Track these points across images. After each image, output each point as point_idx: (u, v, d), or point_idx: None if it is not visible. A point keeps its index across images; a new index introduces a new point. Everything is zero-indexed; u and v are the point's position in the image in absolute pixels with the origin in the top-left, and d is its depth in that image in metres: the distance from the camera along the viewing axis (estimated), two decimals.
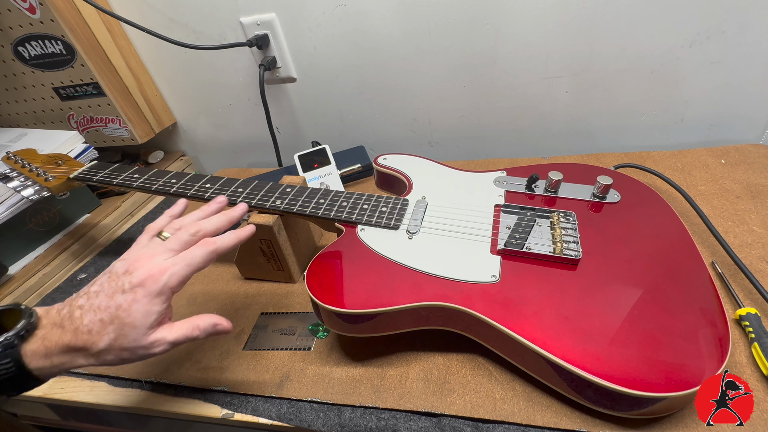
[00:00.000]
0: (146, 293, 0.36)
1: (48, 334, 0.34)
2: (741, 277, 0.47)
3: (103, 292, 0.36)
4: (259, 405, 0.45)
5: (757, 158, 0.65)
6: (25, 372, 0.33)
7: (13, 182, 0.62)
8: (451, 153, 0.86)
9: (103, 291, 0.36)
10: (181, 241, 0.39)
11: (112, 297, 0.35)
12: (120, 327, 0.35)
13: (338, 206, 0.52)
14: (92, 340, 0.34)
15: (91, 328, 0.34)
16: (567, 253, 0.44)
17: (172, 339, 0.36)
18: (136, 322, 0.35)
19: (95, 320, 0.35)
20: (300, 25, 0.74)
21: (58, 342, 0.34)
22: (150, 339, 0.36)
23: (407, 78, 0.77)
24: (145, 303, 0.35)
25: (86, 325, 0.34)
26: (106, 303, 0.35)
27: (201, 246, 0.39)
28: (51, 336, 0.34)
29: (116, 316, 0.35)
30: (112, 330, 0.35)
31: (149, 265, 0.37)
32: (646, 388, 0.33)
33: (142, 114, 0.87)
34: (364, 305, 0.41)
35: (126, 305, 0.35)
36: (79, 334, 0.34)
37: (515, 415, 0.40)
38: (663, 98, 0.70)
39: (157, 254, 0.38)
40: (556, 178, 0.52)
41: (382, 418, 0.42)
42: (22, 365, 0.33)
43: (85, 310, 0.35)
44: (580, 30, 0.65)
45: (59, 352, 0.34)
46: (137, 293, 0.35)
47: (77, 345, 0.34)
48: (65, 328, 0.35)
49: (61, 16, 0.71)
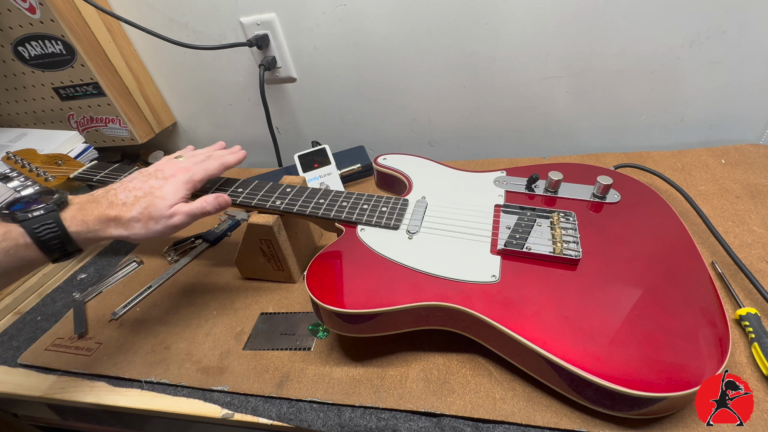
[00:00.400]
0: (177, 180, 0.47)
1: (85, 206, 0.42)
2: (741, 277, 0.47)
3: (137, 179, 0.46)
4: (259, 405, 0.45)
5: (757, 158, 0.65)
6: (66, 233, 0.40)
7: (13, 182, 0.62)
8: (451, 153, 0.86)
9: (137, 179, 0.46)
10: (196, 158, 0.51)
11: (147, 181, 0.46)
12: (151, 199, 0.44)
13: (338, 206, 0.52)
14: (125, 210, 0.43)
15: (126, 201, 0.43)
16: (567, 253, 0.44)
17: (187, 209, 0.46)
18: (167, 195, 0.45)
19: (130, 196, 0.44)
20: (300, 25, 0.74)
21: (93, 212, 0.42)
22: (172, 210, 0.45)
23: (407, 78, 0.77)
24: (174, 184, 0.46)
25: (120, 199, 0.44)
26: (141, 185, 0.45)
27: (214, 158, 0.52)
28: (87, 207, 0.42)
29: (149, 192, 0.45)
30: (144, 202, 0.44)
31: (176, 166, 0.49)
32: (646, 388, 0.33)
33: (142, 114, 0.87)
34: (364, 305, 0.41)
35: (158, 185, 0.46)
36: (114, 206, 0.43)
37: (515, 415, 0.40)
38: (663, 98, 0.70)
39: (179, 162, 0.50)
40: (556, 178, 0.52)
41: (382, 418, 0.42)
42: (63, 226, 0.40)
43: (119, 190, 0.45)
44: (580, 30, 0.65)
45: (94, 220, 0.42)
46: (169, 179, 0.47)
47: (111, 215, 0.42)
48: (100, 202, 0.43)
49: (61, 16, 0.71)
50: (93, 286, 0.65)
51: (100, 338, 0.56)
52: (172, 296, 0.61)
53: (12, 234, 0.38)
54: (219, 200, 0.48)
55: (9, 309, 0.64)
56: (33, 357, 0.55)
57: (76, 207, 0.42)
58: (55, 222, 0.40)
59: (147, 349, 0.53)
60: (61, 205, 0.42)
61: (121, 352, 0.53)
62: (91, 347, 0.55)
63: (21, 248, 0.39)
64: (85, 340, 0.56)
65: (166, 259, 0.68)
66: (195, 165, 0.49)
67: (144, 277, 0.65)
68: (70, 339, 0.56)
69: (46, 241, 0.39)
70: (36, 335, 0.58)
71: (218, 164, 0.51)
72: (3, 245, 0.38)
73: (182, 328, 0.55)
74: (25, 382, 0.53)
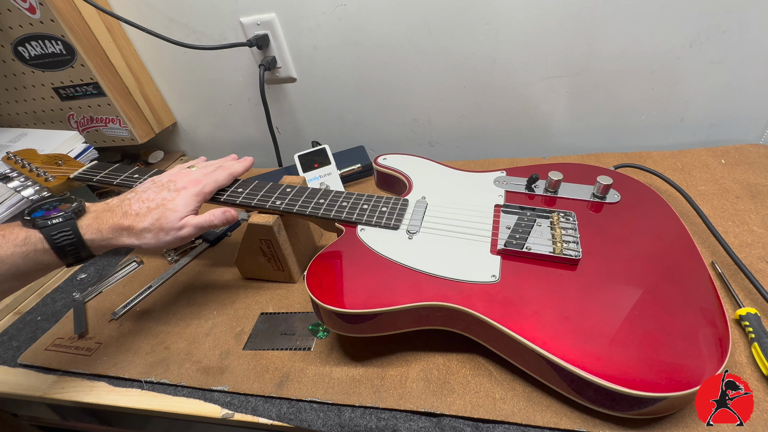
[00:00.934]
0: (188, 193, 0.48)
1: (100, 215, 0.45)
2: (741, 277, 0.47)
3: (150, 190, 0.48)
4: (259, 405, 0.45)
5: (757, 158, 0.65)
6: (81, 240, 0.42)
7: (13, 182, 0.62)
8: (451, 153, 0.86)
9: (150, 189, 0.48)
10: (208, 169, 0.53)
11: (159, 193, 0.48)
12: (163, 211, 0.46)
13: (338, 206, 0.52)
14: (137, 220, 0.45)
15: (139, 212, 0.45)
16: (567, 253, 0.44)
17: (196, 222, 0.47)
18: (178, 207, 0.47)
19: (143, 207, 0.46)
20: (300, 25, 0.74)
21: (108, 221, 0.44)
22: (181, 222, 0.47)
23: (407, 78, 0.77)
24: (186, 197, 0.48)
25: (134, 210, 0.45)
26: (154, 196, 0.47)
27: (222, 169, 0.54)
28: (103, 216, 0.44)
29: (162, 204, 0.47)
30: (156, 213, 0.46)
31: (188, 177, 0.50)
32: (646, 388, 0.33)
33: (142, 114, 0.87)
34: (364, 305, 0.41)
35: (171, 198, 0.47)
36: (128, 216, 0.45)
37: (515, 415, 0.40)
38: (663, 98, 0.70)
39: (191, 173, 0.52)
40: (556, 178, 0.52)
41: (382, 418, 0.42)
42: (79, 234, 0.42)
43: (134, 201, 0.46)
44: (580, 30, 0.65)
45: (108, 229, 0.44)
46: (181, 192, 0.48)
47: (124, 224, 0.44)
48: (115, 212, 0.45)
49: (61, 16, 0.71)
50: (93, 286, 0.65)
51: (100, 338, 0.56)
52: (172, 296, 0.61)
53: (32, 239, 0.41)
54: (226, 215, 0.50)
55: (9, 309, 0.64)
56: (33, 357, 0.55)
57: (92, 215, 0.44)
58: (71, 229, 0.42)
59: (147, 349, 0.53)
60: (79, 213, 0.44)
61: (121, 352, 0.53)
62: (91, 347, 0.55)
63: (39, 253, 0.41)
64: (85, 340, 0.56)
65: (166, 259, 0.68)
66: (205, 176, 0.51)
67: (144, 277, 0.65)
68: (70, 339, 0.56)
69: (63, 247, 0.42)
70: (36, 335, 0.58)
71: (227, 174, 0.53)
72: (23, 249, 0.40)
73: (182, 328, 0.55)
74: (25, 382, 0.53)
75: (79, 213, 0.44)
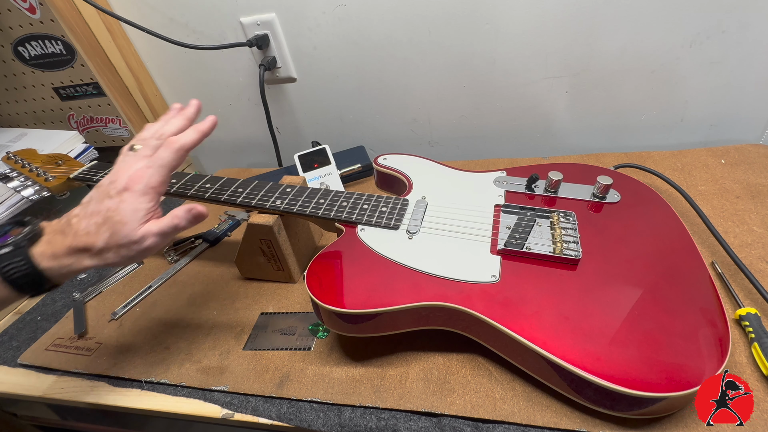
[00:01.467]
0: (131, 194, 0.39)
1: (52, 239, 0.38)
2: (741, 277, 0.47)
3: (93, 201, 0.40)
4: (259, 405, 0.45)
5: (757, 158, 0.65)
6: (37, 271, 0.37)
7: (13, 182, 0.62)
8: (451, 153, 0.86)
9: (93, 200, 0.40)
10: (150, 147, 0.41)
11: (102, 202, 0.39)
12: (112, 225, 0.38)
13: (338, 206, 0.52)
14: (91, 241, 0.38)
15: (89, 231, 0.38)
16: (567, 253, 0.44)
17: (157, 229, 0.39)
18: (126, 218, 0.38)
19: (90, 224, 0.38)
20: (300, 25, 0.74)
21: (61, 245, 0.38)
22: (139, 233, 0.39)
23: (407, 78, 0.77)
24: (131, 202, 0.39)
25: (83, 229, 0.38)
26: (98, 208, 0.39)
27: (165, 147, 0.41)
28: (55, 241, 0.38)
29: (108, 217, 0.38)
30: (106, 229, 0.38)
31: (129, 172, 0.40)
32: (646, 388, 0.33)
33: (142, 114, 0.87)
34: (364, 305, 0.41)
35: (114, 206, 0.38)
36: (78, 236, 0.38)
37: (515, 415, 0.40)
38: (663, 98, 0.70)
39: (134, 163, 0.41)
40: (556, 178, 0.52)
41: (382, 418, 0.42)
42: (33, 264, 0.37)
43: (80, 218, 0.39)
44: (580, 30, 0.65)
45: (65, 253, 0.38)
46: (123, 195, 0.39)
47: (79, 246, 0.38)
48: (66, 233, 0.38)
49: (61, 16, 0.71)
50: (93, 286, 0.65)
51: (100, 338, 0.56)
52: (172, 296, 0.61)
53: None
54: (192, 213, 0.41)
55: (9, 309, 0.64)
56: (33, 357, 0.55)
57: (45, 240, 0.39)
58: (23, 258, 0.37)
59: (147, 349, 0.53)
60: (34, 239, 0.38)
61: (121, 352, 0.53)
62: (91, 347, 0.55)
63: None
64: (85, 340, 0.56)
65: (166, 259, 0.68)
66: (149, 165, 0.40)
67: (144, 277, 0.65)
68: (70, 339, 0.56)
69: (16, 280, 0.37)
70: (36, 335, 0.58)
71: (172, 151, 0.41)
72: None
73: (182, 328, 0.55)
74: (25, 382, 0.53)
75: (34, 239, 0.38)
